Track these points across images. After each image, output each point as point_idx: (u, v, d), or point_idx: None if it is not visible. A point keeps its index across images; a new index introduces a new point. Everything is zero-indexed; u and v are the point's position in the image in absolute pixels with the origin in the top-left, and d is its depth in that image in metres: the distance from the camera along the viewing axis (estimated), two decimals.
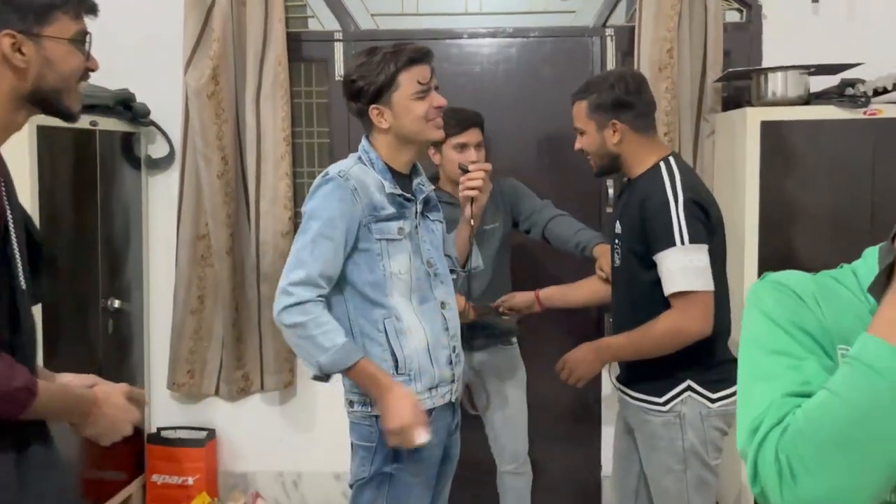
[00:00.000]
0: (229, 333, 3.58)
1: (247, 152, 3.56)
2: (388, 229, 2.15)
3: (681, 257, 2.18)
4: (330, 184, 2.13)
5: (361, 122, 2.24)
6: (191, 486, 3.63)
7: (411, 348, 2.15)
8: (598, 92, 2.35)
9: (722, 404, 2.30)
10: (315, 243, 2.08)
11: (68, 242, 3.14)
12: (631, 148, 2.34)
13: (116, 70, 3.56)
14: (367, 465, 2.17)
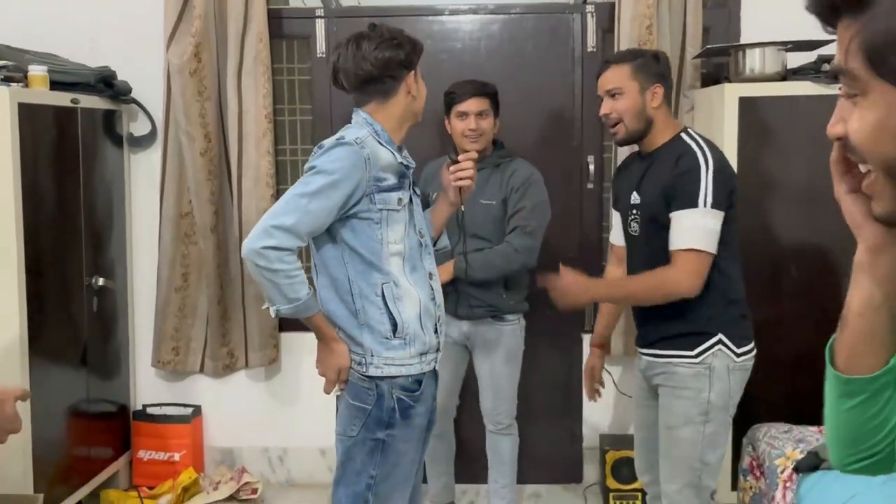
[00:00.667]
0: (214, 311, 3.60)
1: (229, 130, 3.56)
2: (389, 199, 2.20)
3: (697, 218, 2.29)
4: (346, 147, 2.14)
5: (383, 88, 2.24)
6: (177, 461, 3.66)
7: (408, 314, 2.21)
8: (644, 58, 2.48)
9: (744, 359, 2.43)
10: (314, 197, 2.10)
11: (51, 221, 3.14)
12: (662, 116, 2.45)
13: (97, 48, 3.57)
14: (358, 426, 2.20)
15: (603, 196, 3.65)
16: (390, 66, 2.21)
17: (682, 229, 2.32)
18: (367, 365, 2.19)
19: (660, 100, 2.45)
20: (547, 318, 3.70)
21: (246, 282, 3.60)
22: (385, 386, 2.19)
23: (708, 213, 2.30)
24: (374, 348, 2.19)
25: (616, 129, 2.49)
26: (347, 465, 2.23)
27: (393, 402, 2.20)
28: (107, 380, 3.58)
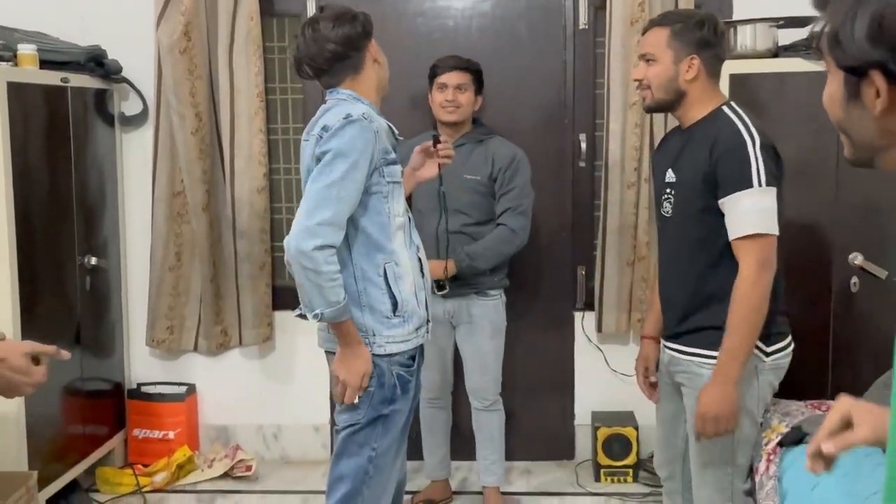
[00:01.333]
0: (207, 289, 3.61)
1: (220, 109, 3.55)
2: (395, 172, 2.23)
3: (757, 199, 2.11)
4: (356, 125, 2.12)
5: (340, 68, 2.25)
6: (172, 439, 3.69)
7: (406, 291, 2.23)
8: (685, 24, 2.24)
9: (775, 358, 2.22)
10: (342, 184, 2.08)
11: (42, 200, 3.14)
12: (698, 89, 2.24)
13: (87, 26, 3.55)
14: (365, 406, 2.22)
15: (595, 175, 3.65)
16: (353, 40, 2.24)
17: (743, 214, 2.12)
18: (370, 345, 2.21)
19: (696, 72, 2.22)
20: (538, 296, 3.73)
21: (239, 260, 3.61)
22: (384, 364, 2.22)
23: (765, 192, 2.11)
24: (376, 328, 2.21)
25: (644, 95, 2.33)
26: (350, 440, 2.25)
27: (394, 379, 2.24)
28: (101, 358, 3.59)
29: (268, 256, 3.65)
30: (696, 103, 2.25)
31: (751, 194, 2.11)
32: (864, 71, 1.03)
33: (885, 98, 1.02)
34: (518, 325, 3.70)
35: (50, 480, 3.12)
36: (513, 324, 3.39)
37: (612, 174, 3.48)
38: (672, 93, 2.25)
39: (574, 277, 3.72)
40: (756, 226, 2.12)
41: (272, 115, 3.69)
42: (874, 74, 1.02)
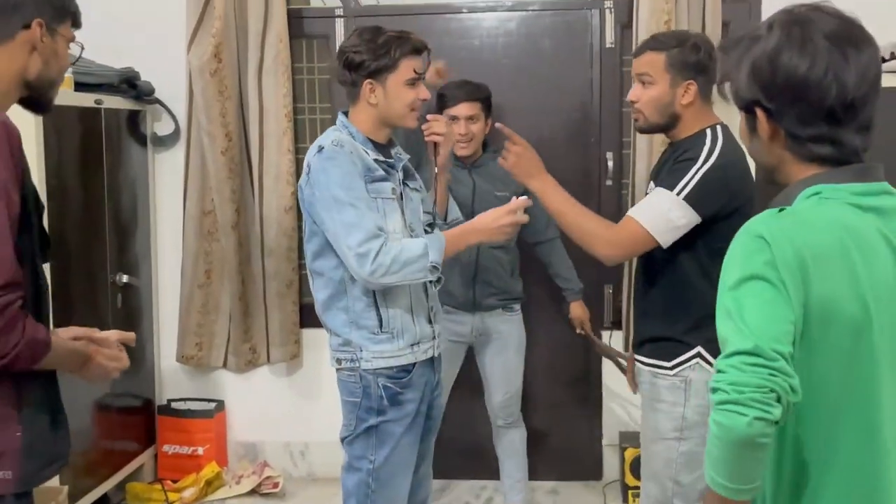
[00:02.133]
0: (236, 307, 3.65)
1: (250, 129, 3.61)
2: (382, 189, 2.26)
3: (664, 200, 2.14)
4: (328, 153, 2.22)
5: (348, 91, 2.34)
6: (200, 455, 3.73)
7: (395, 309, 2.28)
8: (681, 48, 2.24)
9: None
10: (354, 206, 2.17)
11: (76, 219, 3.21)
12: (692, 113, 2.26)
13: (121, 49, 3.63)
14: (353, 419, 2.31)
15: (621, 193, 3.64)
16: (350, 70, 2.28)
17: (644, 203, 2.20)
18: (358, 360, 2.28)
19: (692, 96, 2.24)
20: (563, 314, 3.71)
21: (267, 278, 3.65)
22: (370, 377, 2.28)
23: (676, 203, 2.12)
24: (363, 344, 2.27)
25: (636, 116, 2.34)
26: (350, 454, 2.33)
27: (380, 391, 2.28)
28: (132, 375, 3.63)
29: (295, 274, 3.69)
30: (689, 125, 2.27)
31: (663, 194, 2.15)
32: (752, 108, 1.31)
33: (767, 128, 1.30)
34: (545, 344, 3.69)
35: (80, 495, 3.17)
36: (540, 342, 3.39)
37: (639, 193, 3.46)
38: (667, 116, 2.27)
39: (601, 296, 3.70)
40: (644, 217, 2.15)
41: (300, 135, 3.73)
42: (757, 110, 1.29)
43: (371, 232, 2.16)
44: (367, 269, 2.15)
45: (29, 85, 1.71)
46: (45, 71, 1.71)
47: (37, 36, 1.68)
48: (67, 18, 1.75)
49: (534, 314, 3.72)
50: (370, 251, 2.14)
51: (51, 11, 1.70)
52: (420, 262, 2.18)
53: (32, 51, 1.68)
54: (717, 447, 1.20)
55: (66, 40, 1.76)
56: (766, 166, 1.37)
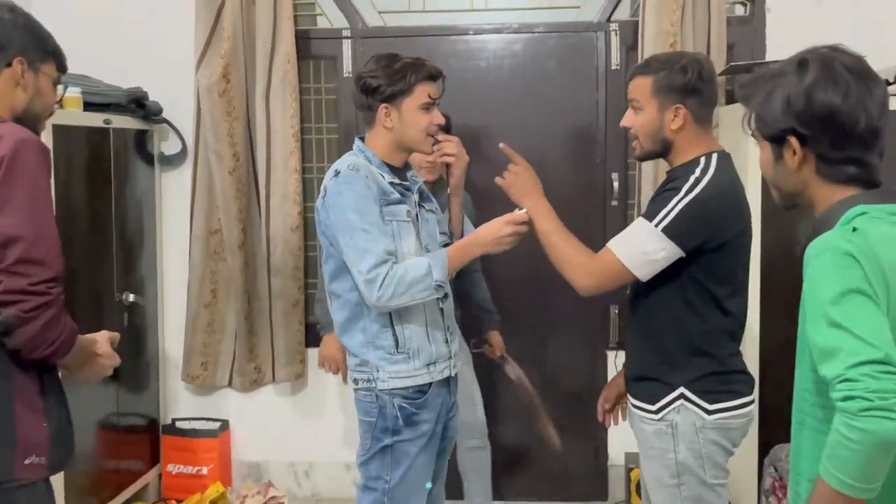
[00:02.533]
0: (242, 326, 3.65)
1: (257, 148, 3.62)
2: (397, 212, 2.29)
3: (641, 231, 2.07)
4: (344, 178, 2.26)
5: (364, 115, 2.38)
6: (205, 475, 3.71)
7: (411, 329, 2.30)
8: (668, 71, 2.14)
9: (719, 417, 2.11)
10: (366, 231, 2.21)
11: (84, 238, 3.21)
12: (685, 138, 2.15)
13: (129, 69, 3.65)
14: (369, 439, 2.33)
15: (627, 213, 3.66)
16: (366, 94, 2.32)
17: (624, 232, 2.14)
18: (374, 380, 2.30)
19: (681, 121, 2.12)
20: (570, 334, 3.72)
21: (273, 298, 3.66)
22: (386, 397, 2.30)
23: (654, 235, 2.04)
24: (380, 364, 2.29)
25: (634, 144, 2.27)
26: (366, 474, 2.35)
27: (395, 411, 2.30)
28: (137, 394, 3.64)
29: (301, 294, 3.69)
30: (683, 152, 2.17)
31: (642, 225, 2.08)
32: (783, 137, 1.47)
33: (798, 153, 1.47)
34: (550, 363, 3.70)
35: None
36: (545, 361, 3.38)
37: None
38: (659, 143, 2.18)
39: (607, 316, 3.71)
40: (620, 249, 2.09)
41: (307, 155, 3.75)
42: (790, 138, 1.46)
43: (380, 257, 2.19)
44: (374, 295, 2.19)
45: (17, 120, 1.89)
46: (31, 106, 1.90)
47: (18, 73, 1.86)
48: (49, 59, 1.92)
49: (540, 335, 3.73)
50: (378, 276, 2.17)
51: (32, 51, 1.88)
52: (425, 282, 2.21)
53: (16, 86, 1.87)
54: (854, 451, 1.29)
55: (49, 79, 1.93)
56: (790, 191, 1.54)
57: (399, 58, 2.32)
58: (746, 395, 2.17)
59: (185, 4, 3.57)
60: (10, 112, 1.87)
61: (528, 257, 3.57)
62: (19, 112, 1.88)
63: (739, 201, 2.15)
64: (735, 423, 2.14)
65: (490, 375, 3.44)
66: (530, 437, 3.37)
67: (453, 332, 2.43)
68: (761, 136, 1.52)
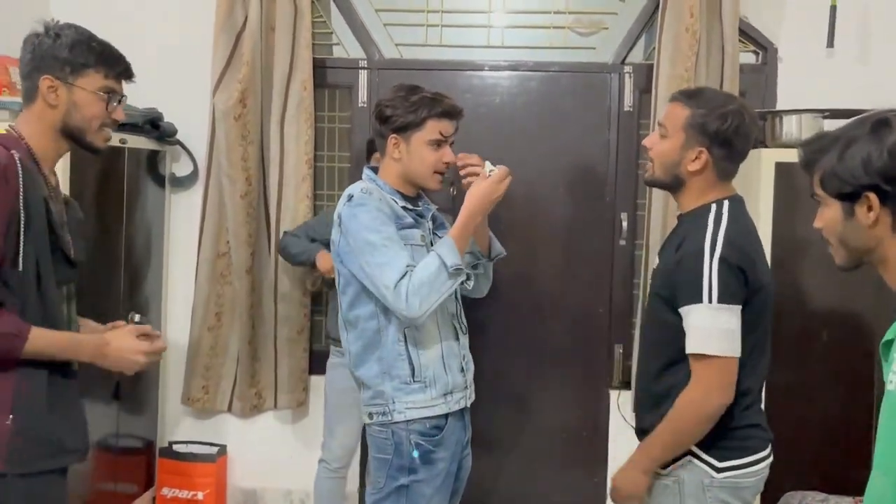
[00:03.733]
0: (245, 351, 3.64)
1: (269, 174, 3.64)
2: (412, 236, 2.29)
3: (707, 316, 1.97)
4: (359, 201, 2.26)
5: (378, 143, 2.39)
6: (200, 500, 3.67)
7: (427, 357, 2.27)
8: (708, 111, 2.07)
9: (728, 475, 2.05)
10: (386, 247, 2.19)
11: (93, 255, 3.19)
12: (699, 183, 2.10)
13: (146, 90, 3.66)
14: (383, 477, 2.28)
15: (634, 254, 3.67)
16: (380, 122, 2.33)
17: (694, 330, 1.99)
18: (390, 413, 2.26)
19: (701, 165, 2.07)
20: (573, 372, 3.71)
21: (278, 324, 3.64)
22: (402, 433, 2.25)
23: (718, 310, 1.96)
24: (395, 395, 2.26)
25: (647, 167, 2.21)
26: None
27: (412, 448, 2.25)
28: (136, 415, 3.62)
29: (307, 321, 3.68)
30: (694, 196, 2.12)
31: (699, 311, 1.98)
32: (858, 194, 1.49)
33: (877, 210, 1.49)
34: (552, 400, 3.69)
35: None
36: (547, 397, 3.36)
37: (653, 255, 3.49)
38: (671, 177, 2.12)
39: (611, 355, 3.71)
40: (705, 346, 1.98)
41: (319, 182, 3.76)
42: (869, 195, 1.48)
43: (402, 270, 2.16)
44: (404, 308, 2.15)
45: (64, 134, 1.96)
46: (69, 120, 1.94)
47: (44, 91, 1.92)
48: (88, 70, 1.95)
49: (542, 372, 3.73)
50: (400, 289, 2.15)
51: (59, 67, 1.92)
52: (442, 274, 2.17)
53: (47, 104, 1.93)
54: None
55: (88, 91, 1.95)
56: (860, 249, 1.56)
57: (419, 90, 2.32)
58: (761, 451, 2.10)
59: (204, 29, 3.59)
60: (50, 129, 1.94)
61: (530, 293, 3.60)
62: (59, 128, 1.95)
63: (757, 254, 2.09)
64: (747, 481, 2.07)
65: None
66: (531, 474, 3.34)
67: (468, 361, 2.41)
68: (831, 194, 1.54)
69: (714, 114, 2.07)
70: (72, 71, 1.94)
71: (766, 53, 3.62)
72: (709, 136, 2.07)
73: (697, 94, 2.15)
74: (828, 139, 1.55)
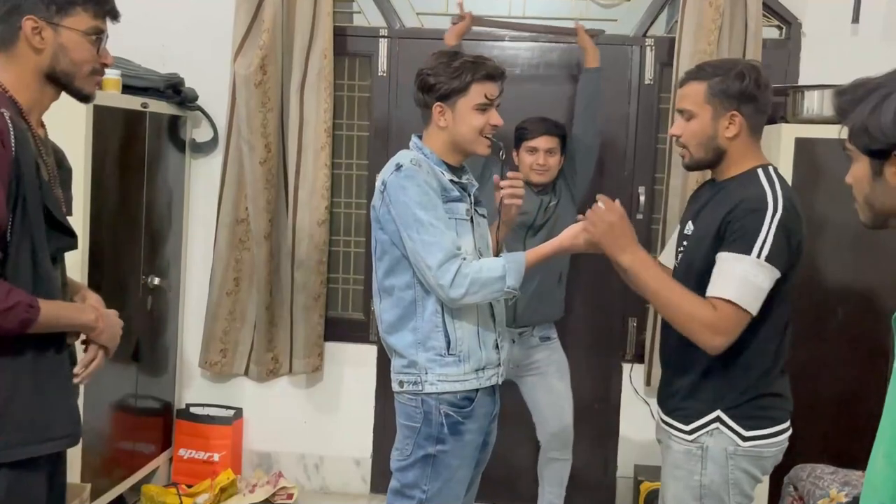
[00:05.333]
0: (262, 316, 3.68)
1: (289, 141, 3.65)
2: (457, 209, 2.27)
3: (748, 268, 1.97)
4: (408, 172, 2.21)
5: (422, 114, 2.34)
6: (216, 462, 3.74)
7: (464, 331, 2.25)
8: (724, 76, 2.08)
9: (753, 444, 2.07)
10: (433, 225, 2.16)
11: (114, 218, 3.24)
12: (739, 147, 2.10)
13: (168, 55, 3.69)
14: (410, 445, 2.26)
15: (651, 228, 3.67)
16: (424, 91, 2.28)
17: (729, 275, 1.99)
18: (422, 383, 2.24)
19: (737, 128, 2.07)
20: (587, 344, 3.73)
21: (295, 290, 3.68)
22: (432, 402, 2.24)
23: (760, 266, 1.97)
24: (429, 366, 2.24)
25: (682, 153, 2.19)
26: (402, 481, 2.29)
27: (441, 418, 2.24)
28: (155, 377, 3.67)
29: (323, 288, 3.72)
30: (736, 162, 2.12)
31: (744, 261, 1.97)
32: (888, 153, 1.37)
33: None
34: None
35: (98, 494, 3.18)
36: None
37: (670, 229, 3.49)
38: (711, 151, 2.12)
39: (624, 328, 3.72)
40: (737, 294, 1.97)
41: (338, 151, 3.78)
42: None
43: (450, 252, 2.15)
44: (446, 289, 2.14)
45: (50, 79, 1.79)
46: (56, 64, 1.77)
47: (28, 33, 1.74)
48: (76, 10, 1.77)
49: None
50: (448, 271, 2.14)
51: (48, 7, 1.75)
52: (498, 285, 2.16)
53: (32, 49, 1.75)
54: None
55: (77, 32, 1.78)
56: (886, 210, 1.44)
57: (459, 56, 2.28)
58: (783, 422, 2.12)
59: None
60: (35, 76, 1.77)
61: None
62: (46, 73, 1.77)
63: (803, 221, 2.09)
64: (769, 451, 2.10)
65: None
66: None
67: (504, 338, 2.37)
68: (862, 149, 1.42)
69: (730, 76, 2.08)
70: (58, 10, 1.76)
71: (790, 28, 3.59)
72: (735, 98, 2.07)
73: (704, 67, 2.17)
74: (865, 89, 1.41)
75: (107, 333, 1.90)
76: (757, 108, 2.10)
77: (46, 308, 1.72)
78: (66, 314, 1.81)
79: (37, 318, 1.70)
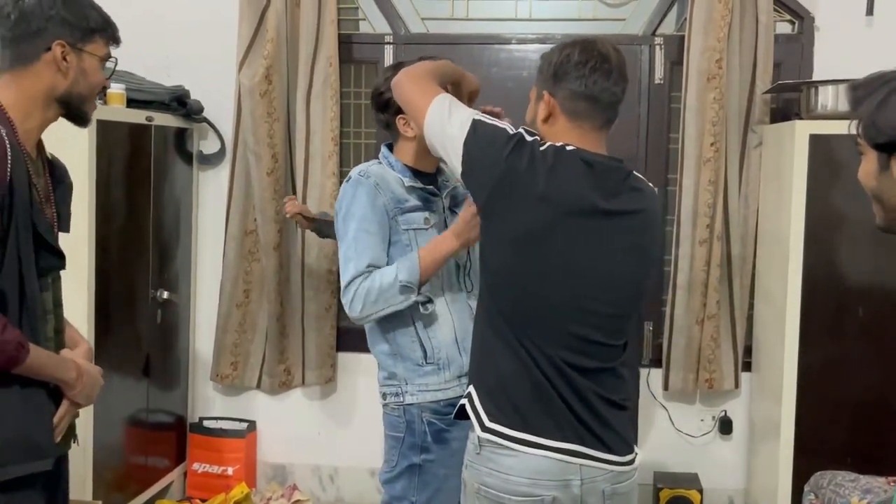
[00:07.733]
0: (273, 328, 3.65)
1: (296, 151, 3.63)
2: (413, 219, 2.24)
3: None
4: (352, 183, 2.23)
5: (389, 132, 2.32)
6: (230, 475, 3.71)
7: (439, 339, 2.23)
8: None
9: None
10: (357, 240, 2.17)
11: (121, 233, 3.23)
12: (550, 130, 1.95)
13: (172, 67, 3.68)
14: (395, 456, 2.25)
15: (665, 229, 3.61)
16: (381, 112, 2.28)
17: None
18: (403, 394, 2.23)
19: (547, 110, 1.92)
20: None
21: (306, 300, 3.65)
22: (415, 411, 2.22)
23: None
24: (408, 376, 2.22)
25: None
26: (390, 493, 2.27)
27: (424, 426, 2.22)
28: (166, 391, 3.65)
29: (334, 298, 3.68)
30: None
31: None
32: (894, 147, 1.35)
33: None
34: None
35: None
36: None
37: (684, 230, 3.43)
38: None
39: (640, 333, 3.66)
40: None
41: (345, 159, 3.75)
42: None
43: (359, 270, 2.14)
44: (347, 308, 2.17)
45: (60, 102, 1.82)
46: (74, 88, 1.82)
47: (58, 57, 1.78)
48: (94, 37, 1.84)
49: None
50: (350, 289, 2.14)
51: (73, 33, 1.80)
52: (394, 287, 2.12)
53: (57, 71, 1.79)
54: None
55: (95, 58, 1.85)
56: (894, 206, 1.41)
57: (403, 66, 2.21)
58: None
59: (229, 4, 3.58)
60: (44, 97, 1.79)
61: None
62: (59, 95, 1.81)
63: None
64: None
65: None
66: None
67: None
68: (870, 143, 1.39)
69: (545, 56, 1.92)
70: (81, 37, 1.81)
71: (803, 23, 3.52)
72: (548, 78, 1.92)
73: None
74: (878, 82, 1.39)
75: (84, 393, 1.85)
76: (569, 88, 1.87)
77: (35, 354, 1.71)
78: (50, 365, 1.79)
79: (25, 360, 1.68)
